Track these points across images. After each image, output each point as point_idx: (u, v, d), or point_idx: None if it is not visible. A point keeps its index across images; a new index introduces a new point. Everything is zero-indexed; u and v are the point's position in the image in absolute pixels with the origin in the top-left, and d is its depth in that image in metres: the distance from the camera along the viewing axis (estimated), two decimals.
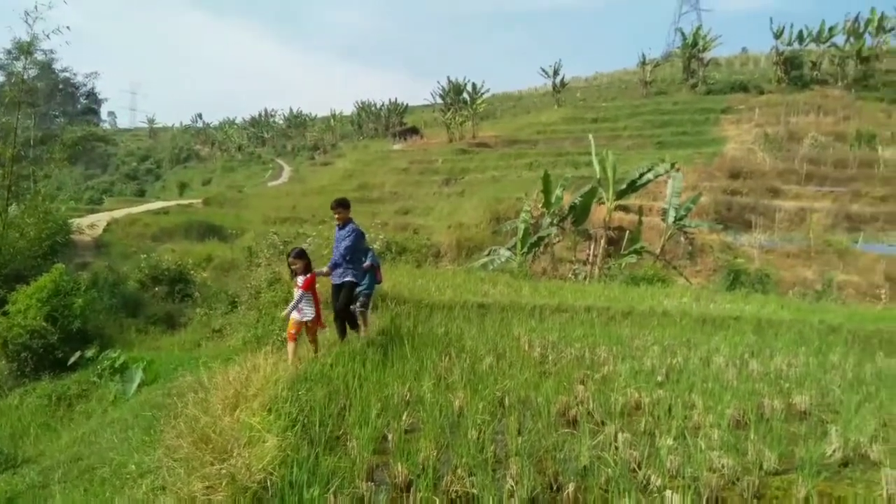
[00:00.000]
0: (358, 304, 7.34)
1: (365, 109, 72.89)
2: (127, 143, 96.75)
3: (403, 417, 4.82)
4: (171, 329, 16.02)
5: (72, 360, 11.82)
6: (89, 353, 12.00)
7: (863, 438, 4.59)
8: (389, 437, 4.57)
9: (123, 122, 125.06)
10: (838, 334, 9.31)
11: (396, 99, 69.15)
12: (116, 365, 10.43)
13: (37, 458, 6.21)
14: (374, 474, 4.04)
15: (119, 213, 34.83)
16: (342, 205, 7.20)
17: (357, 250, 7.12)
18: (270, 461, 3.72)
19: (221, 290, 17.32)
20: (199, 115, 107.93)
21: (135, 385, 9.50)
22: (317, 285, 6.64)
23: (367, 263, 7.58)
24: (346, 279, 6.97)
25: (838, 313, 11.51)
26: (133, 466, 4.04)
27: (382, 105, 70.34)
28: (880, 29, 47.10)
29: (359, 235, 7.10)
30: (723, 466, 4.09)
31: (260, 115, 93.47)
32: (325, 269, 6.81)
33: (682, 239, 21.61)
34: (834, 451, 4.44)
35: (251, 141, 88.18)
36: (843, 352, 7.84)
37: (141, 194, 62.15)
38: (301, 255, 6.56)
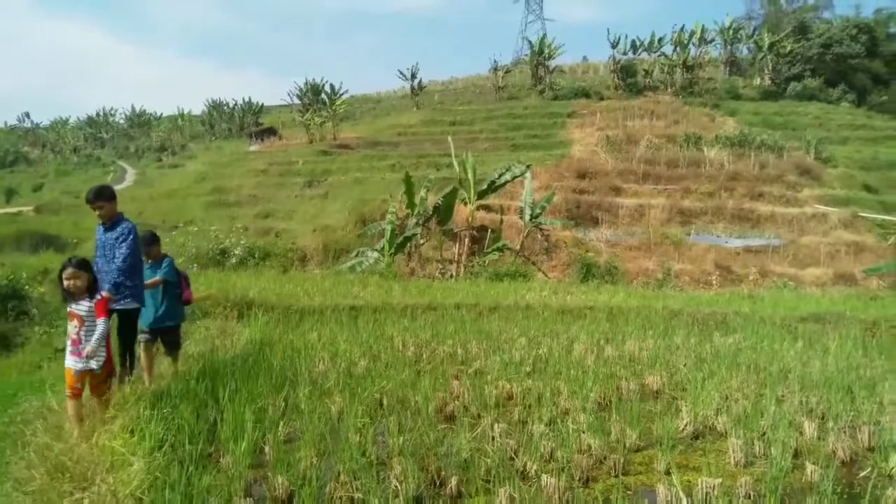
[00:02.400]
0: (141, 337, 5.78)
1: (216, 108, 69.38)
2: None
3: (280, 427, 4.67)
4: (7, 351, 14.23)
5: None
6: None
7: (709, 412, 5.14)
8: (266, 448, 4.41)
9: None
10: (680, 318, 10.30)
11: (251, 98, 66.54)
12: None
13: None
14: (253, 489, 3.89)
15: None
16: (102, 195, 5.30)
17: (138, 259, 5.44)
18: (138, 485, 3.45)
19: (62, 305, 15.65)
20: (27, 115, 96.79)
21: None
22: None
23: (156, 278, 5.87)
24: (124, 304, 5.27)
25: (678, 299, 12.73)
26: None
27: (236, 104, 67.37)
28: (702, 40, 52.79)
29: (137, 237, 5.38)
30: (590, 447, 4.39)
31: (98, 113, 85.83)
32: (105, 289, 4.88)
33: (539, 236, 22.83)
34: (686, 425, 4.93)
35: (89, 142, 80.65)
36: (685, 333, 8.70)
37: None
38: (84, 265, 4.65)
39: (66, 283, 4.55)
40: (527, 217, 21.34)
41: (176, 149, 66.04)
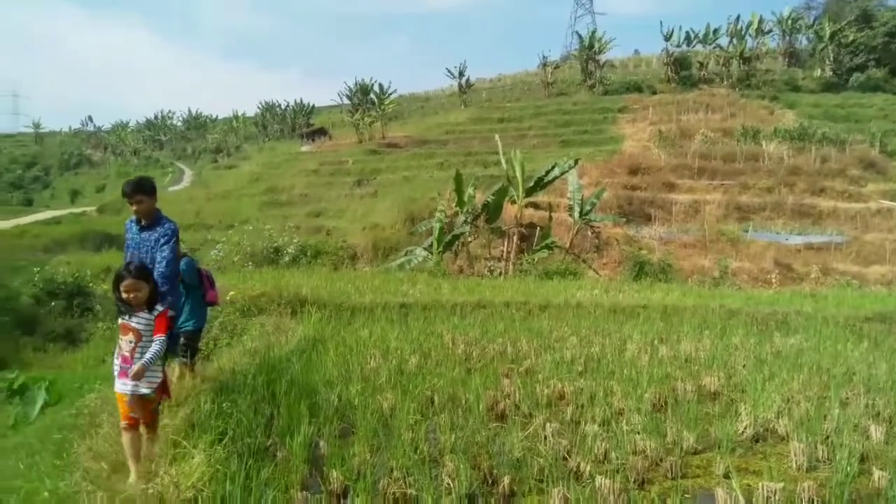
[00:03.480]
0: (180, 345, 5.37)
1: (269, 110, 71.04)
2: (10, 150, 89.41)
3: (334, 423, 4.75)
4: (73, 346, 15.00)
5: None
6: None
7: (770, 415, 4.97)
8: (321, 443, 4.49)
9: (5, 126, 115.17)
10: (738, 317, 9.99)
11: (302, 99, 67.84)
12: (14, 387, 9.61)
13: None
14: (309, 483, 3.96)
15: (5, 225, 32.20)
16: (142, 188, 4.71)
17: (177, 265, 4.97)
18: (199, 477, 3.56)
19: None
20: (90, 118, 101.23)
21: (37, 407, 8.78)
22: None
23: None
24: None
25: (736, 298, 12.35)
26: (46, 493, 3.74)
27: (287, 106, 68.83)
28: (759, 31, 51.05)
29: (179, 240, 4.91)
30: (646, 449, 4.31)
31: (156, 116, 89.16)
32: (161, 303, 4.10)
33: (589, 233, 22.51)
34: (745, 427, 4.77)
35: (148, 144, 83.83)
36: (744, 333, 8.44)
37: (28, 203, 57.79)
38: (144, 273, 3.96)
39: (125, 295, 3.86)
40: (576, 214, 21.07)
41: (231, 150, 67.97)
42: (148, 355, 3.83)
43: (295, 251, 20.40)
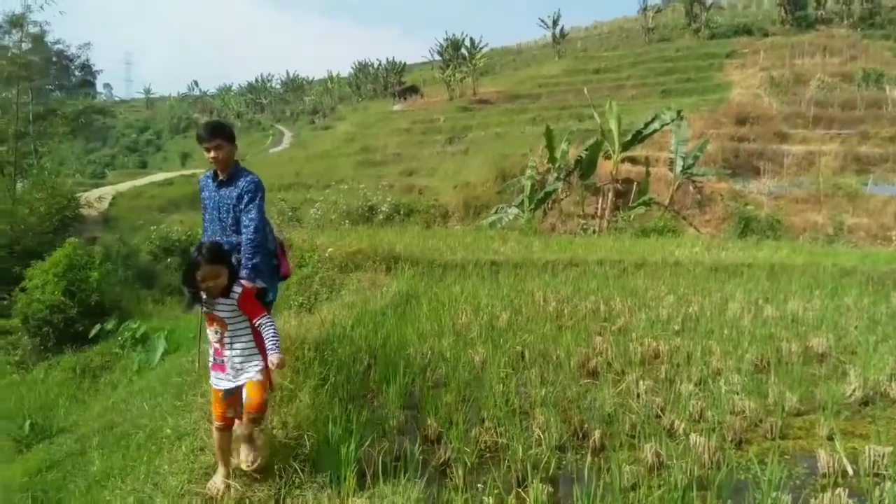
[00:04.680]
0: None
1: (362, 70, 71.83)
2: (125, 115, 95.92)
3: (427, 373, 4.92)
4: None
5: (92, 332, 12.02)
6: (109, 325, 12.19)
7: (882, 377, 4.67)
8: (415, 392, 4.68)
9: (120, 93, 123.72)
10: (852, 277, 9.33)
11: (394, 58, 68.04)
12: (137, 336, 10.61)
13: (71, 428, 6.40)
14: (405, 428, 4.16)
15: (123, 187, 34.82)
16: (221, 131, 3.95)
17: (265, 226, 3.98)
18: (305, 419, 3.83)
19: None
20: (196, 83, 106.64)
21: (158, 354, 9.68)
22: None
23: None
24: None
25: (851, 256, 11.52)
26: (169, 430, 4.15)
27: (380, 64, 69.27)
28: None
29: (264, 194, 4.03)
30: (745, 409, 4.18)
31: (257, 80, 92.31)
32: (244, 275, 3.64)
33: (691, 188, 21.50)
34: (854, 390, 4.53)
35: (249, 107, 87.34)
36: (858, 294, 7.89)
37: (143, 166, 61.99)
38: (219, 255, 3.30)
39: (203, 285, 3.22)
40: (677, 168, 20.15)
41: (326, 111, 69.65)
42: (270, 341, 3.23)
43: (389, 209, 20.87)
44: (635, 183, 20.97)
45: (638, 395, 4.48)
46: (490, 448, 3.84)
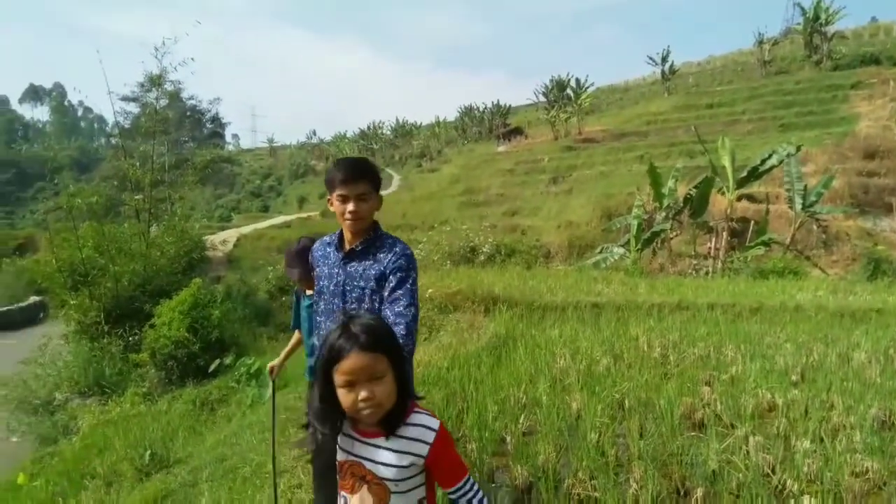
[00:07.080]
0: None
1: (468, 114, 73.59)
2: (250, 163, 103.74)
3: (521, 420, 4.83)
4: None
5: (212, 367, 12.80)
6: (227, 360, 12.94)
7: None
8: (507, 439, 4.60)
9: (246, 143, 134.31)
10: None
11: (499, 101, 69.20)
12: (252, 371, 11.17)
13: (186, 459, 6.80)
14: (495, 476, 4.09)
15: (246, 229, 37.41)
16: (369, 173, 2.79)
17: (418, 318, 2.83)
18: None
19: None
20: (314, 132, 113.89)
21: (270, 390, 10.12)
22: None
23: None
24: None
25: None
26: (271, 467, 4.33)
27: (485, 108, 70.67)
28: None
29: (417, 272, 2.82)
30: (867, 470, 3.78)
31: (368, 127, 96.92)
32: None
33: (815, 227, 20.02)
34: None
35: (362, 152, 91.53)
36: None
37: (265, 210, 66.35)
38: (384, 340, 1.74)
39: (349, 398, 1.69)
40: (798, 206, 18.88)
41: (433, 154, 71.72)
42: None
43: (490, 250, 20.96)
44: (753, 221, 19.83)
45: (747, 452, 4.16)
46: (583, 501, 3.69)
